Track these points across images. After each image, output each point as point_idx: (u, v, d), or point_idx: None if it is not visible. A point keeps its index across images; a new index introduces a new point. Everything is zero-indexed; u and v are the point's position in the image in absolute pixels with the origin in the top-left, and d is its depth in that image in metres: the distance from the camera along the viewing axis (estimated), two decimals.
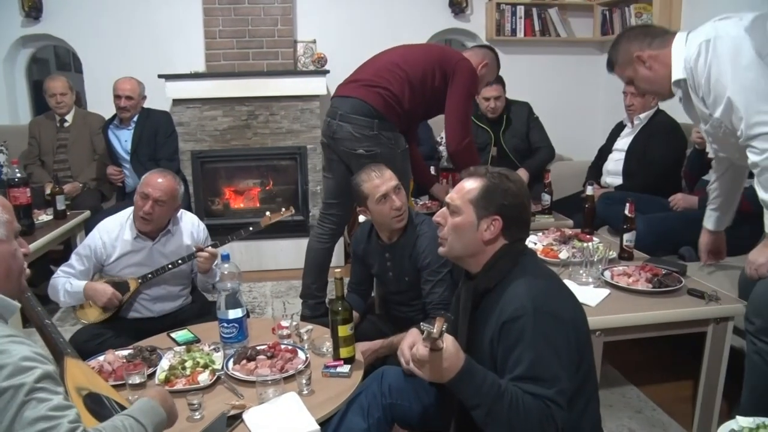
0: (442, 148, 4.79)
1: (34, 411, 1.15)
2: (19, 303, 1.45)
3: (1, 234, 1.37)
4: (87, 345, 2.52)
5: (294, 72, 4.93)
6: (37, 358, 1.22)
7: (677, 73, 2.26)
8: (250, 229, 2.94)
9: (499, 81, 4.27)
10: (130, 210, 2.82)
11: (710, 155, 2.63)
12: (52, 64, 7.29)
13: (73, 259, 2.79)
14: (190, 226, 2.91)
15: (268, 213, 2.99)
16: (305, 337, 2.36)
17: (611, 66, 2.50)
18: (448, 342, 1.48)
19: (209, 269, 2.78)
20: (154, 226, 2.77)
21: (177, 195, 2.78)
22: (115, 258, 2.77)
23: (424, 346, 1.48)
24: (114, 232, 2.79)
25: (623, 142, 4.03)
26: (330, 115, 3.08)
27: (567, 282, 2.18)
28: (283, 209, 2.99)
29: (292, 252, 4.70)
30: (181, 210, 2.94)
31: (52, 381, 1.21)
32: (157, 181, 2.70)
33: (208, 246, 2.79)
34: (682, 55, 2.23)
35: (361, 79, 3.08)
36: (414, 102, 3.05)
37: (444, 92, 3.10)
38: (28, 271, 1.51)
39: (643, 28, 2.46)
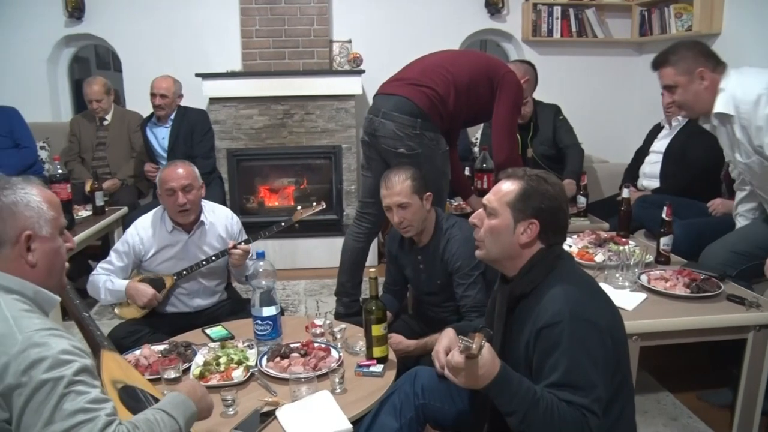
0: (476, 149, 4.77)
1: (72, 403, 1.17)
2: (59, 297, 1.48)
3: (46, 232, 1.39)
4: (123, 341, 2.56)
5: (329, 71, 4.95)
6: (75, 351, 1.24)
7: (724, 107, 2.45)
8: (282, 224, 2.98)
9: None
10: (162, 206, 2.88)
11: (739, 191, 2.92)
12: (93, 63, 7.43)
13: (112, 256, 2.84)
14: (225, 219, 2.96)
15: (299, 207, 3.04)
16: (338, 336, 2.37)
17: (661, 64, 2.59)
18: (485, 350, 1.48)
19: (242, 264, 2.83)
20: (195, 213, 2.82)
21: (197, 174, 2.83)
22: (153, 253, 2.82)
23: (459, 354, 1.47)
24: (151, 228, 2.84)
25: (660, 144, 3.97)
26: (372, 113, 3.07)
27: (602, 285, 2.15)
28: (314, 203, 3.03)
29: (325, 251, 4.73)
30: (215, 204, 3.00)
31: (89, 374, 1.24)
32: (178, 172, 2.74)
33: (241, 242, 2.83)
34: (732, 93, 2.41)
35: (406, 77, 3.07)
36: (458, 105, 3.03)
37: (489, 102, 3.09)
38: (67, 264, 1.54)
39: (710, 49, 2.58)
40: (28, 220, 1.37)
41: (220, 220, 2.94)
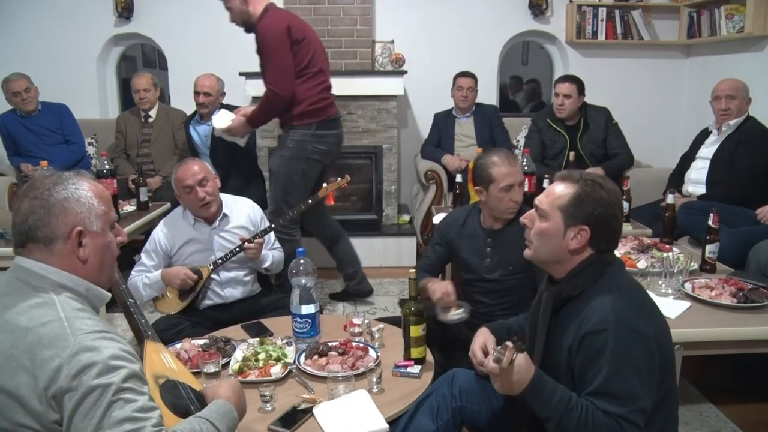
0: (518, 151, 4.73)
1: (120, 411, 1.18)
2: (110, 293, 1.49)
3: (96, 227, 1.39)
4: (164, 335, 2.61)
5: (372, 72, 4.97)
6: (124, 356, 1.25)
7: None
8: (309, 202, 3.10)
9: (574, 81, 4.20)
10: (180, 207, 2.99)
11: None
12: (139, 61, 7.58)
13: (143, 257, 2.95)
14: (247, 209, 3.06)
15: (325, 184, 3.11)
16: (376, 336, 2.37)
17: None
18: (520, 357, 1.49)
19: (258, 257, 2.92)
20: (216, 204, 2.90)
21: (209, 167, 2.94)
22: (179, 247, 2.92)
23: (493, 363, 1.49)
24: (172, 225, 2.97)
25: (708, 150, 3.88)
26: None
27: None
28: (339, 178, 3.12)
29: (364, 251, 4.72)
30: (235, 196, 3.09)
31: (138, 380, 1.25)
32: (193, 169, 2.85)
33: (256, 235, 2.92)
34: None
35: None
36: None
37: None
38: None
39: None
40: (79, 215, 1.36)
41: (242, 209, 3.03)
